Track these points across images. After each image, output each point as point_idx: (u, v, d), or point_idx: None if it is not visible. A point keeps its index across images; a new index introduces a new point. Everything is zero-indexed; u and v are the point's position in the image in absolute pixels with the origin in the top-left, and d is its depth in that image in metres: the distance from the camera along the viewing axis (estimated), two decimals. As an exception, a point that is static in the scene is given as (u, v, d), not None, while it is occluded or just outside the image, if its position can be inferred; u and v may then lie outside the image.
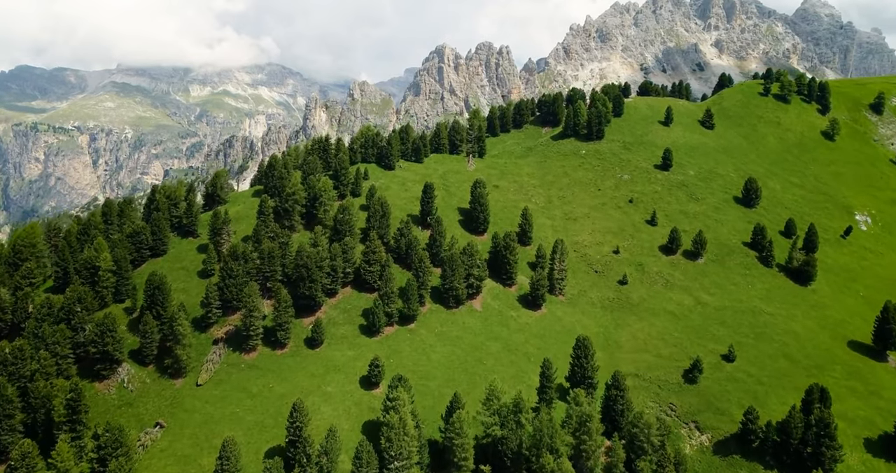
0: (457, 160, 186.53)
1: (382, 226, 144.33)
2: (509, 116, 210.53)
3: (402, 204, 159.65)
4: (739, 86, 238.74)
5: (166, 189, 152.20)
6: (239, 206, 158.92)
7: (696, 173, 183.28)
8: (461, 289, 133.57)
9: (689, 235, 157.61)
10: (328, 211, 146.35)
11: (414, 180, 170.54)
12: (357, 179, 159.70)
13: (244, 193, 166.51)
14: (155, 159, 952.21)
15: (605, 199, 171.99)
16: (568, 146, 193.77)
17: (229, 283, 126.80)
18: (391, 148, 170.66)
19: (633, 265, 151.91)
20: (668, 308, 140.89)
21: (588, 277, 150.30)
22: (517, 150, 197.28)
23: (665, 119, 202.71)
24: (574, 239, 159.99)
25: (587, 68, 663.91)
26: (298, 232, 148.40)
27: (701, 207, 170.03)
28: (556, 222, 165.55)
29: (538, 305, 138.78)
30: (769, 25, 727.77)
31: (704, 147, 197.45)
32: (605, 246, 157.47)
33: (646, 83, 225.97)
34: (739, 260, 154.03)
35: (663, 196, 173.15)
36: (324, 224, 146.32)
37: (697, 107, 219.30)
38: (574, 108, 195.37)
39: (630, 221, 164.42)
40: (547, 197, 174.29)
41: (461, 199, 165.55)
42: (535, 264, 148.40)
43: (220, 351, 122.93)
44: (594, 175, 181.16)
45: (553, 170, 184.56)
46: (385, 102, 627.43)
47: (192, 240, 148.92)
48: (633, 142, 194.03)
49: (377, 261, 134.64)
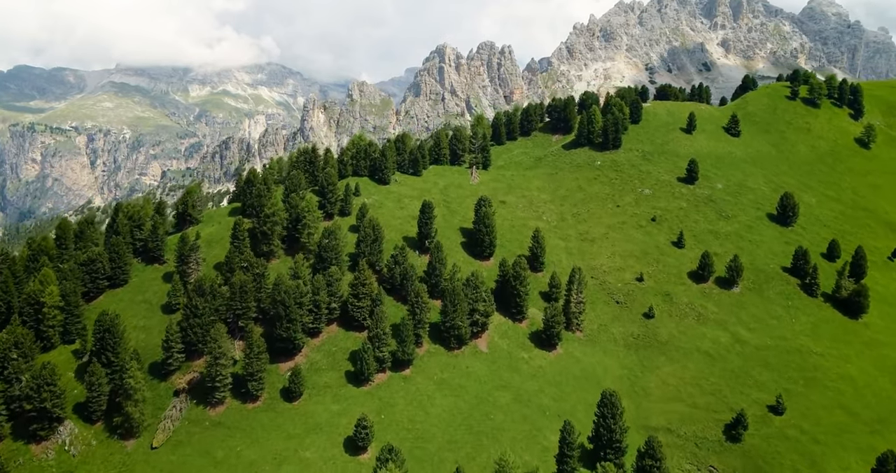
0: (459, 172, 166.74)
1: (374, 252, 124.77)
2: (516, 123, 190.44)
3: (398, 224, 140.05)
4: (764, 89, 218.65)
5: (129, 208, 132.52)
6: (213, 227, 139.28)
7: (724, 186, 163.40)
8: (464, 328, 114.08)
9: (722, 259, 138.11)
10: (312, 234, 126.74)
11: (411, 196, 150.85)
12: (347, 196, 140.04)
13: (220, 211, 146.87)
14: (153, 160, 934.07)
15: (624, 217, 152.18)
16: (581, 156, 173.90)
17: (193, 323, 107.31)
18: (385, 159, 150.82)
19: (660, 295, 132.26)
20: (702, 346, 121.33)
21: (609, 309, 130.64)
22: (525, 161, 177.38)
23: (687, 126, 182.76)
24: (591, 263, 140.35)
25: (591, 68, 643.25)
26: (279, 258, 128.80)
27: (732, 226, 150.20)
28: (571, 243, 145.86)
29: (553, 344, 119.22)
30: (776, 24, 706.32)
31: (731, 157, 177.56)
32: (627, 271, 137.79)
33: (664, 86, 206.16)
34: (780, 288, 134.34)
35: (689, 213, 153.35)
36: (307, 249, 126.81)
37: (721, 113, 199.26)
38: (588, 114, 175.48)
39: (654, 243, 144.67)
40: (559, 214, 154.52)
41: (464, 218, 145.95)
42: (548, 294, 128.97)
43: (181, 404, 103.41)
44: (611, 189, 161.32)
45: (565, 183, 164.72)
46: (384, 103, 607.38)
47: (158, 268, 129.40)
48: (653, 151, 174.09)
49: (367, 295, 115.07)
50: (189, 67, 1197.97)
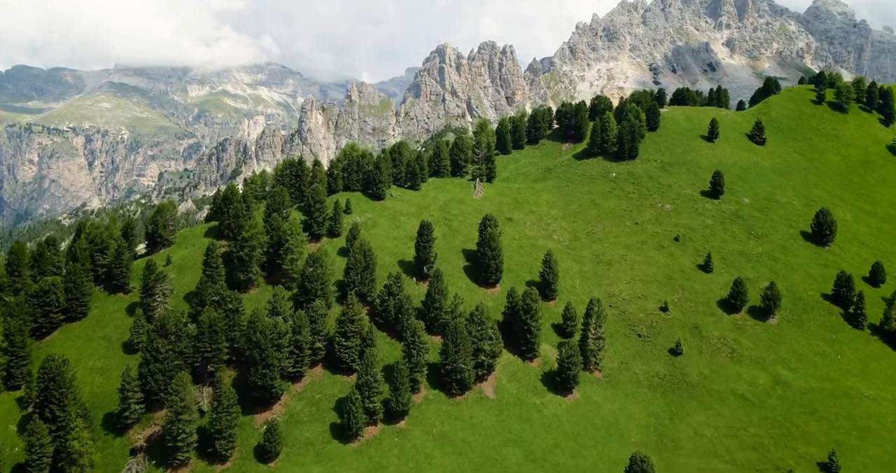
0: (461, 185, 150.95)
1: (365, 282, 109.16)
2: (523, 130, 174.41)
3: (393, 246, 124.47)
4: (788, 92, 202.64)
5: (92, 229, 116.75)
6: (187, 250, 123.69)
7: (751, 201, 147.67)
8: (468, 371, 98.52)
9: (755, 285, 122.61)
10: (296, 260, 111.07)
11: (408, 213, 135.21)
12: (336, 214, 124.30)
13: (196, 231, 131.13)
14: (152, 161, 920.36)
15: (644, 236, 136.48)
16: (595, 167, 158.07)
17: (154, 369, 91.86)
18: (380, 172, 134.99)
19: (688, 327, 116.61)
20: (739, 389, 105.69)
21: (630, 344, 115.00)
22: (533, 172, 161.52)
23: (709, 133, 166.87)
24: (608, 289, 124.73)
25: (594, 68, 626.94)
26: (258, 286, 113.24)
27: (764, 246, 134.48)
28: (585, 266, 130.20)
29: (569, 387, 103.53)
30: (782, 24, 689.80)
31: (757, 167, 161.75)
32: (650, 300, 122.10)
33: (682, 90, 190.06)
34: (821, 319, 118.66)
35: (716, 232, 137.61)
36: (290, 276, 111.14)
37: (743, 119, 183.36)
38: (601, 121, 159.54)
39: (678, 266, 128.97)
40: (572, 232, 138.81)
41: (467, 238, 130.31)
42: (562, 328, 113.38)
43: (137, 466, 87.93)
44: (629, 204, 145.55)
45: (578, 197, 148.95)
46: (384, 104, 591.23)
47: (123, 298, 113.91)
48: (673, 162, 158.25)
49: (357, 333, 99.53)
50: (188, 67, 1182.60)
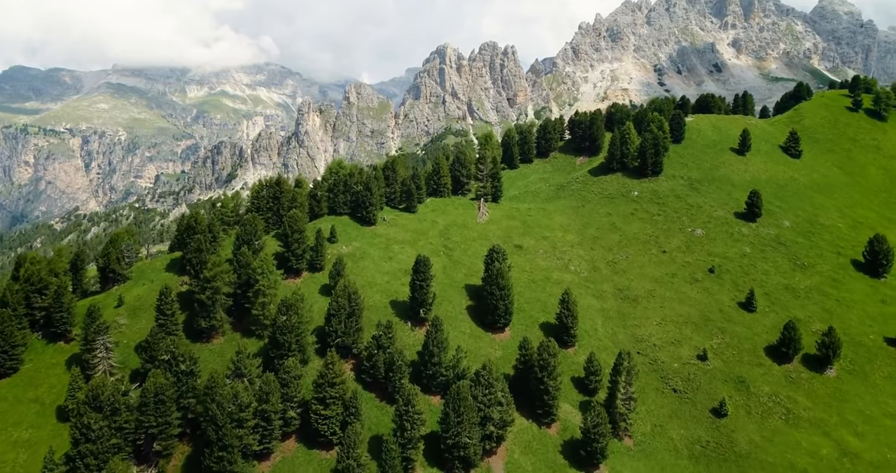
0: (463, 206, 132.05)
1: (350, 331, 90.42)
2: (532, 142, 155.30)
3: (384, 282, 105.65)
4: (820, 98, 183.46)
5: (30, 267, 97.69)
6: (144, 287, 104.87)
7: (792, 224, 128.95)
8: (473, 445, 79.85)
9: (806, 327, 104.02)
10: (268, 304, 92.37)
11: (403, 240, 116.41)
12: (318, 244, 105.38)
13: (156, 264, 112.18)
14: (149, 162, 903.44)
15: (674, 267, 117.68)
16: (613, 184, 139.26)
17: (85, 451, 73.19)
18: (370, 194, 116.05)
19: (732, 381, 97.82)
20: (799, 462, 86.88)
21: (665, 401, 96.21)
22: (544, 190, 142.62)
23: (740, 145, 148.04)
24: (635, 332, 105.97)
25: (597, 69, 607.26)
26: (224, 335, 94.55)
27: (811, 279, 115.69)
28: (608, 303, 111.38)
29: (594, 462, 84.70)
30: (788, 24, 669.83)
31: (795, 184, 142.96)
32: (685, 345, 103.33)
33: (706, 96, 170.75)
34: (888, 369, 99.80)
35: (756, 261, 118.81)
36: (260, 323, 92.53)
37: (775, 128, 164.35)
38: (620, 132, 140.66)
39: (715, 304, 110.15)
40: (590, 262, 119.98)
41: (470, 270, 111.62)
42: (584, 382, 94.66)
43: None
44: (654, 228, 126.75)
45: (596, 219, 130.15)
46: (383, 106, 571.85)
47: (63, 347, 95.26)
48: (702, 178, 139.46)
49: (338, 399, 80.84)
50: (187, 68, 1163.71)
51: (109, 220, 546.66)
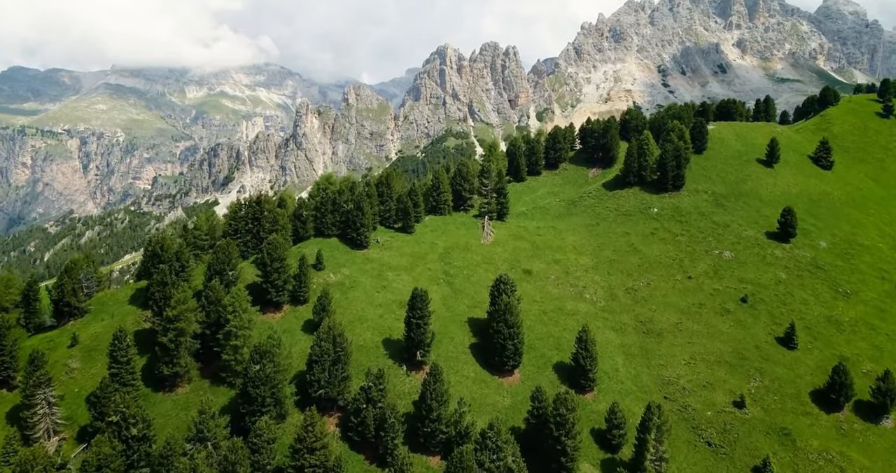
0: (465, 224, 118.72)
1: (335, 380, 77.17)
2: (540, 152, 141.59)
3: (377, 317, 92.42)
4: (847, 103, 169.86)
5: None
6: (103, 323, 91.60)
7: (829, 245, 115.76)
8: (479, 523, 66.81)
9: (855, 367, 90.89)
10: (240, 348, 79.21)
11: (398, 266, 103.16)
12: (302, 273, 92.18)
13: (118, 295, 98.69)
14: (148, 163, 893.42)
15: (701, 296, 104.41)
16: (631, 200, 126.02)
17: (11, 540, 60.14)
18: (362, 214, 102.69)
19: (775, 433, 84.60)
20: (858, 536, 73.92)
21: (698, 456, 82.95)
22: (554, 205, 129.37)
23: (767, 156, 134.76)
24: (662, 373, 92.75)
25: (600, 70, 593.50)
26: (189, 383, 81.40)
27: (856, 309, 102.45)
28: (628, 338, 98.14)
29: (621, 537, 71.83)
30: (793, 24, 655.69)
31: (829, 199, 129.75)
32: (718, 390, 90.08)
33: (728, 101, 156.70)
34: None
35: (793, 289, 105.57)
36: (232, 369, 79.42)
37: (802, 137, 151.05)
38: (638, 142, 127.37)
39: (751, 340, 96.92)
40: (608, 289, 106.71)
41: (474, 300, 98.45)
42: (605, 436, 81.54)
43: None
44: (677, 250, 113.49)
45: (612, 240, 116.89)
46: (382, 108, 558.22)
47: (6, 395, 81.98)
48: (727, 193, 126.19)
49: (319, 466, 67.72)
50: (186, 68, 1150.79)
51: (104, 224, 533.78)
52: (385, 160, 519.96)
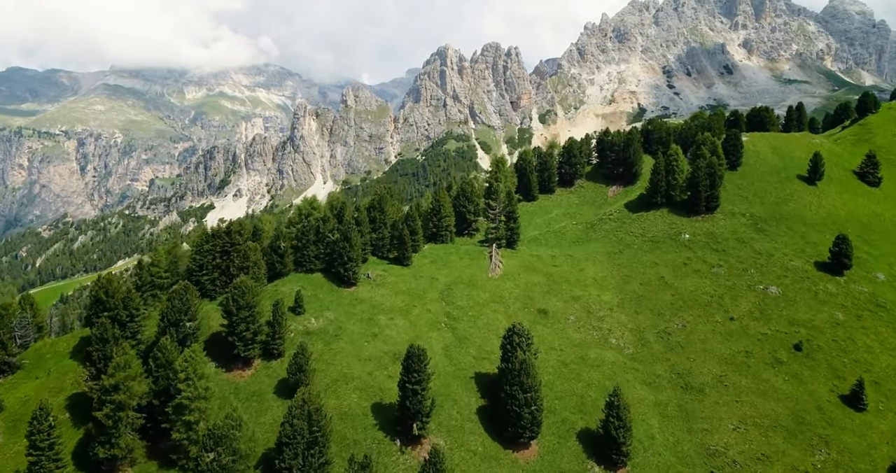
0: (470, 255, 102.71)
1: (309, 467, 61.31)
2: (553, 168, 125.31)
3: (365, 375, 76.47)
4: (888, 110, 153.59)
5: None
6: (38, 381, 75.61)
7: (888, 277, 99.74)
8: None
9: (937, 435, 75.05)
10: (194, 424, 63.39)
11: (392, 308, 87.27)
12: (276, 321, 76.35)
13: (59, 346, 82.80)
14: (146, 165, 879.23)
15: (747, 342, 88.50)
16: (658, 223, 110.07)
17: None
18: (350, 246, 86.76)
19: (850, 524, 68.92)
20: None
21: (757, 555, 67.24)
22: (570, 230, 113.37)
23: (809, 173, 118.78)
24: (706, 441, 76.83)
25: (604, 71, 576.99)
26: (134, 465, 65.43)
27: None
28: (664, 394, 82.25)
29: None
30: (800, 24, 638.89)
31: (881, 222, 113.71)
32: (776, 464, 74.16)
33: (759, 110, 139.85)
34: None
35: (854, 333, 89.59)
36: (184, 450, 63.60)
37: (843, 149, 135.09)
38: (666, 158, 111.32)
39: (810, 398, 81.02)
40: (637, 332, 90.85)
41: (481, 351, 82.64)
42: (644, 531, 65.69)
43: None
44: (715, 285, 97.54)
45: (638, 271, 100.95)
46: (381, 110, 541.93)
47: None
48: (768, 216, 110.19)
49: None
50: (185, 69, 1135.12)
51: (98, 228, 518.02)
52: (384, 163, 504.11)
